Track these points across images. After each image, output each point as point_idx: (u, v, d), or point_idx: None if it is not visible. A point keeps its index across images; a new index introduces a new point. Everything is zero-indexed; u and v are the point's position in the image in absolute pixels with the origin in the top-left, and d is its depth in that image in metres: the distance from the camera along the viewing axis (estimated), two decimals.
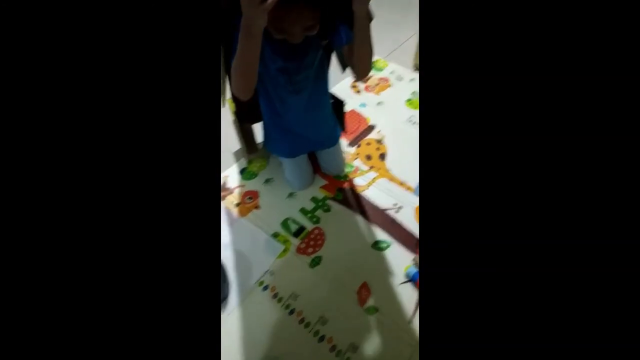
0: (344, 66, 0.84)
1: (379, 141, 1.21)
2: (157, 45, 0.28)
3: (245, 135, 1.07)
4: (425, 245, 0.30)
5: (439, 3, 0.28)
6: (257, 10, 0.51)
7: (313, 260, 0.92)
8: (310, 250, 0.94)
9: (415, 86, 1.40)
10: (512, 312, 0.29)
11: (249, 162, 1.14)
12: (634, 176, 0.27)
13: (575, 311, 0.29)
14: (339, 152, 1.08)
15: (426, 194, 0.30)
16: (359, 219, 1.01)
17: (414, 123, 1.26)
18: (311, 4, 0.61)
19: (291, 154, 1.01)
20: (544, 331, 0.29)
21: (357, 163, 1.14)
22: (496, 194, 0.29)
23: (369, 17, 0.68)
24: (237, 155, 1.16)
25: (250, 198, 1.06)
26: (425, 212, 0.31)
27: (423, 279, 0.31)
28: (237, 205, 1.04)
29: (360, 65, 0.74)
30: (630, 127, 0.26)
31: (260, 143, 1.09)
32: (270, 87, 0.81)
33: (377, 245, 0.95)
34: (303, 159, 1.04)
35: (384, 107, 1.33)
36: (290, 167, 1.03)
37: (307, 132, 0.94)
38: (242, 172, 1.12)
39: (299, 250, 0.94)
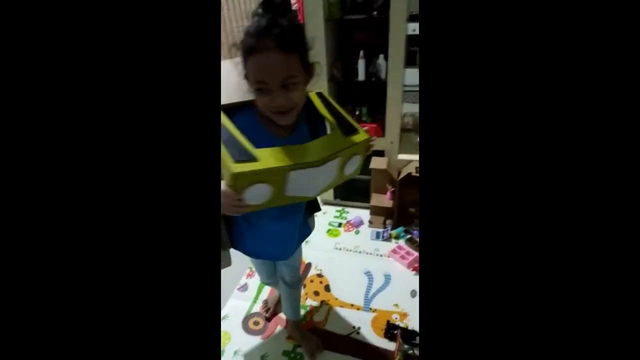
0: None
1: (320, 275, 1.40)
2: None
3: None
4: (425, 232, 0.32)
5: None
6: (234, 210, 0.61)
7: None
8: None
9: (331, 215, 1.70)
10: (513, 310, 0.29)
11: None
12: (635, 173, 0.27)
13: (577, 310, 0.28)
14: (299, 253, 1.05)
15: (427, 183, 0.32)
16: (334, 355, 1.10)
17: (340, 249, 1.51)
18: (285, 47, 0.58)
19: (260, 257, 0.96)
20: (546, 329, 0.28)
21: (309, 302, 1.29)
22: (497, 189, 0.30)
23: None
24: None
25: None
26: (425, 206, 0.32)
27: (423, 273, 0.32)
28: None
29: None
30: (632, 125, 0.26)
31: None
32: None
33: None
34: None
35: (310, 244, 1.56)
36: (257, 263, 1.05)
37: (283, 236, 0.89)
38: None
39: None
